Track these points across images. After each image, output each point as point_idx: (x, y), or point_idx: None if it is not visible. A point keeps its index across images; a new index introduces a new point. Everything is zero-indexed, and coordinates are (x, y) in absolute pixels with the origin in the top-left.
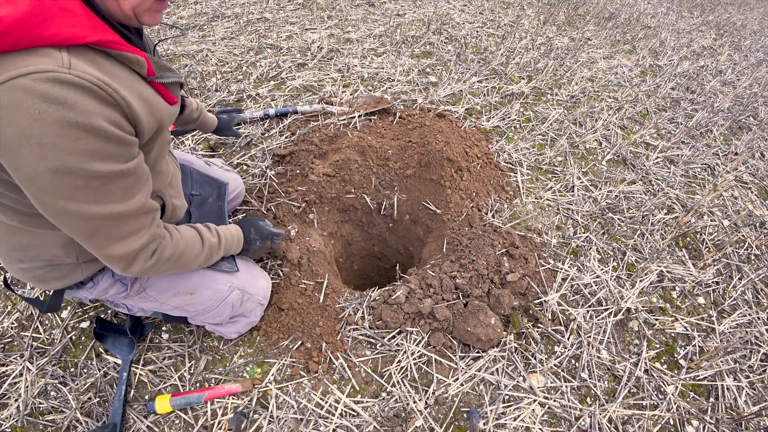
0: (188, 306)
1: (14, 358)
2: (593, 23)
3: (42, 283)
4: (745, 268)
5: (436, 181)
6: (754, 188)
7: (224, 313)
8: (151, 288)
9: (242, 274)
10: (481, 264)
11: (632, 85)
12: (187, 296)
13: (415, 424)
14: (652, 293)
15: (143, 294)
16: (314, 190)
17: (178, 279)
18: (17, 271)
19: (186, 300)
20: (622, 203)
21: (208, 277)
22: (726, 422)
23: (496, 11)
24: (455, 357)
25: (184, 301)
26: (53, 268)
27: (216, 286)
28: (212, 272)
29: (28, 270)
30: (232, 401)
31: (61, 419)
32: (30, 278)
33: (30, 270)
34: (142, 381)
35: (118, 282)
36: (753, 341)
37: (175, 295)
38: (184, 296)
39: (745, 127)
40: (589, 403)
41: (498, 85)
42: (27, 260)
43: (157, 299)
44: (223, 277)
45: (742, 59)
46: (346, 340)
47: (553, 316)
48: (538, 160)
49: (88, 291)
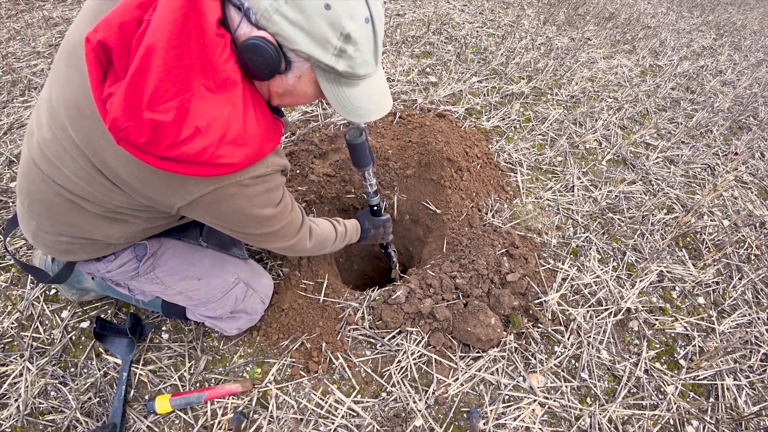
0: (192, 292)
1: (14, 358)
2: (593, 23)
3: (67, 255)
4: (745, 268)
5: (436, 181)
6: (754, 188)
7: (226, 305)
8: (161, 268)
9: (248, 270)
10: (481, 264)
11: (632, 85)
12: (194, 281)
13: (415, 424)
14: (652, 293)
15: (151, 274)
16: (314, 190)
17: (188, 263)
18: (49, 242)
19: (192, 285)
20: (622, 203)
21: (217, 266)
22: (726, 422)
23: (496, 11)
24: (455, 357)
25: (189, 286)
26: (92, 243)
27: (223, 276)
28: (222, 259)
29: (63, 243)
30: (232, 401)
31: (61, 419)
32: (57, 250)
33: (65, 243)
34: (142, 381)
35: (134, 259)
36: (753, 341)
37: (182, 279)
38: (191, 281)
39: (745, 127)
40: (589, 403)
41: (498, 85)
42: (69, 236)
43: (163, 282)
44: (231, 266)
45: (742, 59)
46: (346, 340)
47: (553, 316)
48: (538, 160)
49: (105, 264)
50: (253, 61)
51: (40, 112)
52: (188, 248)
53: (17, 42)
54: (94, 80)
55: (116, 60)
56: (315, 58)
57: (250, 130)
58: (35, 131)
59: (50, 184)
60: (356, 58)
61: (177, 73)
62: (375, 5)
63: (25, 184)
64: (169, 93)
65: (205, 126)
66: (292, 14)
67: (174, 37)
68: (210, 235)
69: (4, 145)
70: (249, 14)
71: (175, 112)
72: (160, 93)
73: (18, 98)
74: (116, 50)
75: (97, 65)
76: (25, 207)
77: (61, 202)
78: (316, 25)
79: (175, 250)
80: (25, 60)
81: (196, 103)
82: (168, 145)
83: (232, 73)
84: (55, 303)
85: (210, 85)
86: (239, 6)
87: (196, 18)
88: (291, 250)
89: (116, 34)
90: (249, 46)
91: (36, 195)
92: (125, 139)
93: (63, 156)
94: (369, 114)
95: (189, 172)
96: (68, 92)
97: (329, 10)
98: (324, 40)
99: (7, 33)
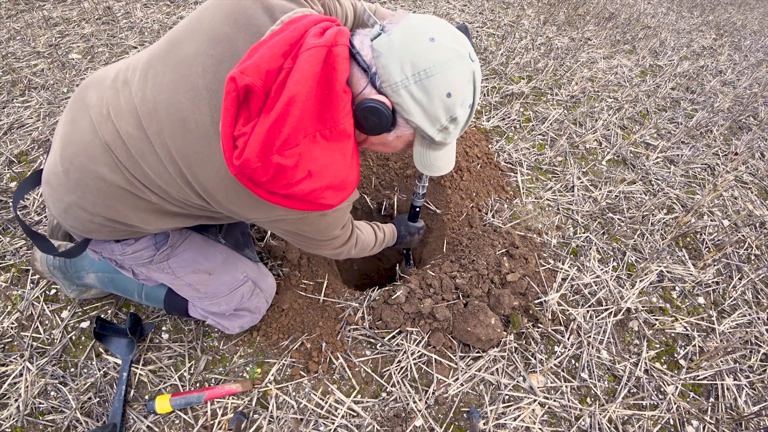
0: (201, 286)
1: (14, 358)
2: (593, 23)
3: (91, 233)
4: (745, 268)
5: (436, 181)
6: (754, 188)
7: (232, 301)
8: (175, 259)
9: (256, 269)
10: (481, 264)
11: (632, 85)
12: (204, 275)
13: (415, 424)
14: (652, 293)
15: (164, 264)
16: None
17: (203, 257)
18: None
19: (202, 279)
20: (622, 203)
21: (229, 263)
22: (726, 422)
23: (496, 11)
24: (455, 357)
25: (199, 279)
26: (125, 228)
27: (234, 273)
28: (234, 257)
29: (95, 223)
30: (232, 401)
31: (61, 419)
32: (83, 227)
33: (97, 224)
34: (142, 381)
35: (152, 246)
36: (753, 341)
37: (194, 271)
38: (201, 275)
39: (745, 127)
40: (589, 403)
41: (498, 85)
42: (107, 217)
43: (174, 272)
44: (242, 264)
45: (742, 59)
46: (346, 340)
47: (553, 316)
48: (538, 160)
49: (121, 246)
50: (369, 120)
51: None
52: (204, 242)
53: (17, 42)
54: (229, 117)
55: (253, 102)
56: (421, 129)
57: (350, 177)
58: (113, 116)
59: (122, 172)
60: (452, 133)
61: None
62: (478, 92)
63: (81, 161)
64: (297, 140)
65: (318, 171)
66: (418, 94)
67: (312, 91)
68: (228, 233)
69: (4, 145)
70: (374, 79)
71: (298, 159)
72: (291, 140)
73: (18, 98)
74: (257, 94)
75: (236, 104)
76: (71, 180)
77: (124, 190)
78: (434, 108)
79: (191, 243)
80: (25, 60)
81: (309, 147)
82: (283, 185)
83: (348, 127)
84: (55, 303)
85: (326, 133)
86: (365, 69)
87: (333, 75)
88: (336, 255)
89: (262, 81)
90: (370, 108)
91: (93, 174)
92: (249, 176)
93: (149, 157)
94: (440, 170)
95: (292, 206)
96: (173, 101)
97: (449, 98)
98: (435, 119)
99: (7, 33)
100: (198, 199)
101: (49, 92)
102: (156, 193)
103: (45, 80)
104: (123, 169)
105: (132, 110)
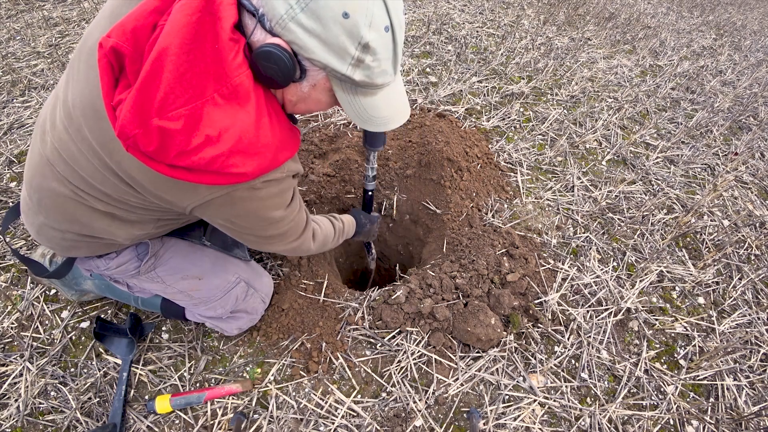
0: (193, 291)
1: (14, 358)
2: (593, 23)
3: (69, 251)
4: (745, 268)
5: (436, 181)
6: (754, 188)
7: (227, 304)
8: (162, 267)
9: (249, 270)
10: (481, 264)
11: (632, 85)
12: (194, 281)
13: (415, 424)
14: (652, 293)
15: (152, 273)
16: (314, 190)
17: (190, 263)
18: (54, 237)
19: (193, 285)
20: (622, 203)
21: (218, 266)
22: (726, 422)
23: (496, 11)
24: (455, 357)
25: (190, 285)
26: (97, 241)
27: (224, 275)
28: (223, 259)
29: (68, 240)
30: (232, 401)
31: (61, 419)
32: (60, 246)
33: (70, 240)
34: (142, 381)
35: (135, 258)
36: (753, 341)
37: (183, 278)
38: (191, 281)
39: (745, 127)
40: (589, 403)
41: (498, 85)
42: (76, 233)
43: (164, 281)
44: (232, 266)
45: (742, 59)
46: (346, 340)
47: (553, 316)
48: (538, 160)
49: (105, 261)
50: (267, 68)
51: (55, 111)
52: (190, 247)
53: (17, 42)
54: (105, 86)
55: (128, 66)
56: (331, 68)
57: (263, 140)
58: (49, 130)
59: (65, 183)
60: (374, 68)
61: (189, 78)
62: (396, 12)
63: (37, 181)
64: (180, 100)
65: (217, 135)
66: (309, 23)
67: (187, 41)
68: (213, 234)
69: (4, 145)
70: (263, 21)
71: (185, 120)
72: (170, 100)
73: (18, 98)
74: (129, 56)
75: (109, 71)
76: (34, 201)
77: (74, 201)
78: (333, 35)
79: (176, 250)
80: (25, 60)
81: (208, 110)
82: (177, 153)
83: (245, 80)
84: (55, 303)
85: (223, 91)
86: (253, 12)
87: (211, 22)
88: (295, 251)
89: (129, 40)
90: (262, 53)
91: (47, 192)
92: (134, 146)
93: (78, 158)
94: (386, 123)
95: (199, 180)
96: (86, 93)
97: (347, 18)
98: (341, 50)
99: (7, 33)
100: (133, 193)
101: (49, 92)
102: (97, 198)
103: (45, 80)
104: (65, 180)
105: (62, 115)
